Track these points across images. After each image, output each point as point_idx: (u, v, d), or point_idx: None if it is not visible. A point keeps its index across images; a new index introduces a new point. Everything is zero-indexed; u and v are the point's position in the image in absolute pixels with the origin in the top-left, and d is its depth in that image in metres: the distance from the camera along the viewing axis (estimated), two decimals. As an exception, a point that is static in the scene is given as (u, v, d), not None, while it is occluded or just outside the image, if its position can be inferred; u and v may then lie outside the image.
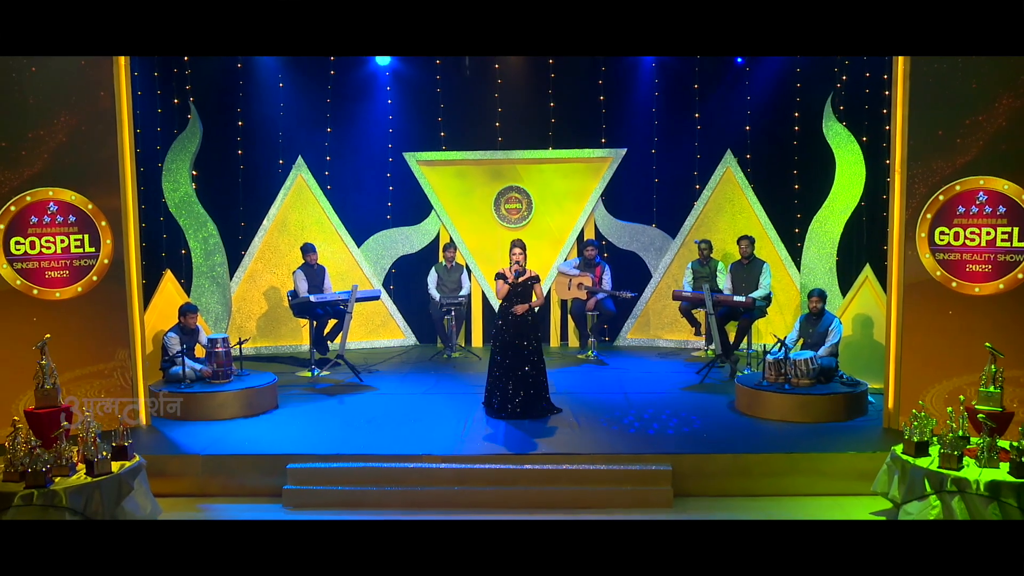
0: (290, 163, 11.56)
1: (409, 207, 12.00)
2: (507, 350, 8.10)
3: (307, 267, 10.47)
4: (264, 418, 8.28)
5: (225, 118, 11.10)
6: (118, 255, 7.81)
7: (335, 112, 11.61)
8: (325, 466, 7.01)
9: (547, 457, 7.03)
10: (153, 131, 10.53)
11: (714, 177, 11.49)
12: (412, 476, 6.94)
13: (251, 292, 11.47)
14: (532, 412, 8.07)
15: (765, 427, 7.78)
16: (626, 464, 6.95)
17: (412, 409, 8.51)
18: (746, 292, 9.83)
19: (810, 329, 8.66)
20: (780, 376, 8.15)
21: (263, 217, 11.48)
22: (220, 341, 8.57)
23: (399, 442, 7.39)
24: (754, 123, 11.29)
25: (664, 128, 11.66)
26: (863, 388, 8.20)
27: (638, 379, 9.80)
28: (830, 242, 10.32)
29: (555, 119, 11.74)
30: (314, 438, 7.57)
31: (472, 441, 7.42)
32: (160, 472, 6.95)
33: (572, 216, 11.90)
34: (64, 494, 5.93)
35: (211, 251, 10.70)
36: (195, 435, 7.66)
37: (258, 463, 7.13)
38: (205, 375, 8.51)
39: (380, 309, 11.98)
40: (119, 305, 7.83)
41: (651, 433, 7.64)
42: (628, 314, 11.86)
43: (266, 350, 11.43)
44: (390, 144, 11.86)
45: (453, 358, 11.07)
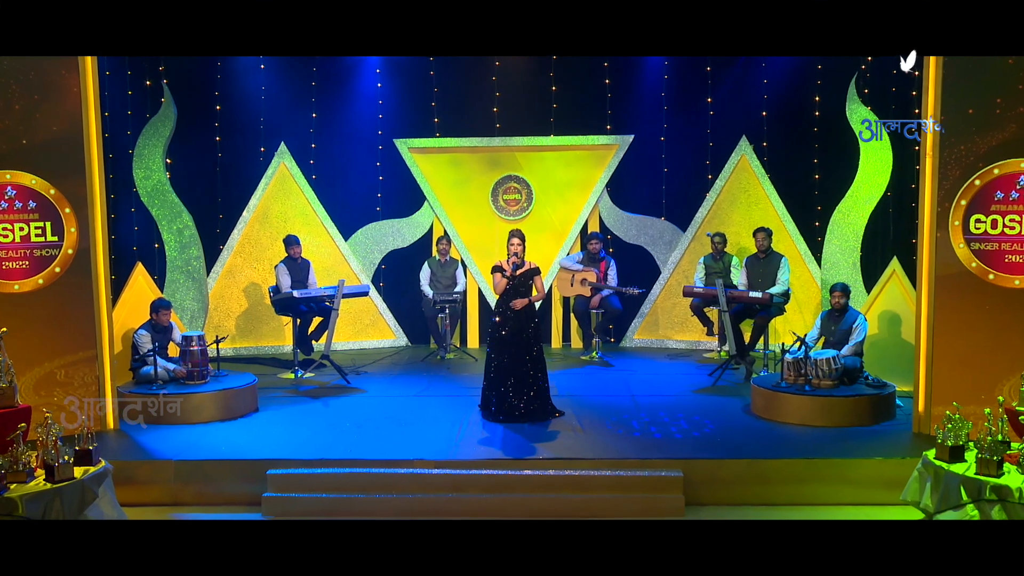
0: (272, 150, 11.45)
1: (400, 198, 11.91)
2: (505, 349, 7.99)
3: (290, 261, 10.36)
4: (243, 422, 8.17)
5: (201, 101, 10.98)
6: (84, 245, 7.68)
7: (320, 96, 11.51)
8: (309, 472, 6.90)
9: (548, 462, 6.92)
10: (123, 114, 10.38)
11: (728, 165, 11.38)
12: (403, 482, 6.82)
13: (230, 288, 11.35)
14: (532, 415, 7.96)
15: (784, 431, 7.67)
16: (634, 470, 6.84)
17: (403, 412, 8.42)
18: (763, 288, 9.70)
19: (832, 326, 8.53)
20: (800, 377, 8.04)
21: (243, 208, 11.38)
22: (195, 339, 8.44)
23: (389, 446, 7.29)
24: (771, 107, 11.18)
25: (674, 113, 11.54)
26: (891, 390, 8.08)
27: (646, 381, 9.69)
28: (854, 234, 10.20)
29: (557, 104, 11.64)
30: (297, 442, 7.47)
31: (467, 446, 7.32)
32: (128, 480, 6.83)
33: (575, 208, 11.81)
34: (21, 502, 5.77)
35: (186, 244, 10.56)
36: (167, 439, 7.54)
37: (236, 469, 7.02)
38: (179, 375, 8.38)
39: (369, 307, 11.87)
40: (85, 299, 7.70)
41: (660, 437, 7.53)
42: (635, 313, 11.76)
43: (246, 351, 11.32)
44: (380, 130, 11.76)
45: (447, 359, 10.96)
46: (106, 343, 7.85)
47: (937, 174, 7.37)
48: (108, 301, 7.89)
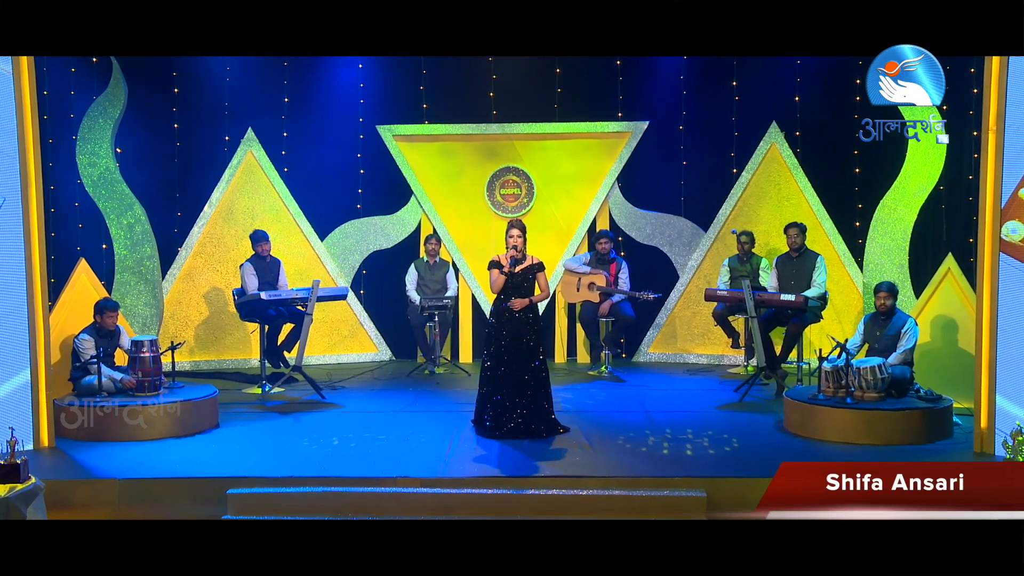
0: (238, 137, 11.36)
1: (384, 192, 11.85)
2: (502, 356, 7.89)
3: (257, 259, 10.23)
4: (201, 438, 8.04)
5: (157, 79, 10.84)
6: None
7: (293, 77, 11.42)
8: (275, 491, 6.76)
9: (552, 480, 6.78)
10: (65, 94, 10.24)
11: (755, 156, 11.31)
12: (385, 503, 6.68)
13: (188, 294, 11.22)
14: (533, 431, 7.84)
15: (821, 449, 7.54)
16: (650, 490, 6.69)
17: (385, 428, 8.32)
18: (796, 292, 9.53)
19: (877, 332, 8.38)
20: (840, 388, 7.92)
21: (204, 203, 11.27)
22: (147, 344, 8.29)
23: (369, 464, 7.20)
24: (805, 90, 11.09)
25: (695, 97, 11.49)
26: (947, 404, 7.93)
27: (663, 397, 9.60)
28: (901, 232, 10.10)
29: (562, 87, 11.59)
30: (262, 459, 7.37)
31: (459, 463, 7.22)
32: (64, 501, 6.68)
33: (582, 204, 11.74)
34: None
35: (138, 240, 10.42)
36: (111, 457, 7.39)
37: (191, 488, 6.87)
38: (127, 385, 8.21)
39: (347, 316, 11.77)
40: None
41: (679, 454, 7.42)
42: (650, 323, 11.63)
43: (206, 364, 11.19)
44: (361, 116, 11.72)
45: (436, 374, 10.87)
46: (42, 350, 7.70)
47: (1002, 158, 7.23)
48: (44, 303, 7.76)
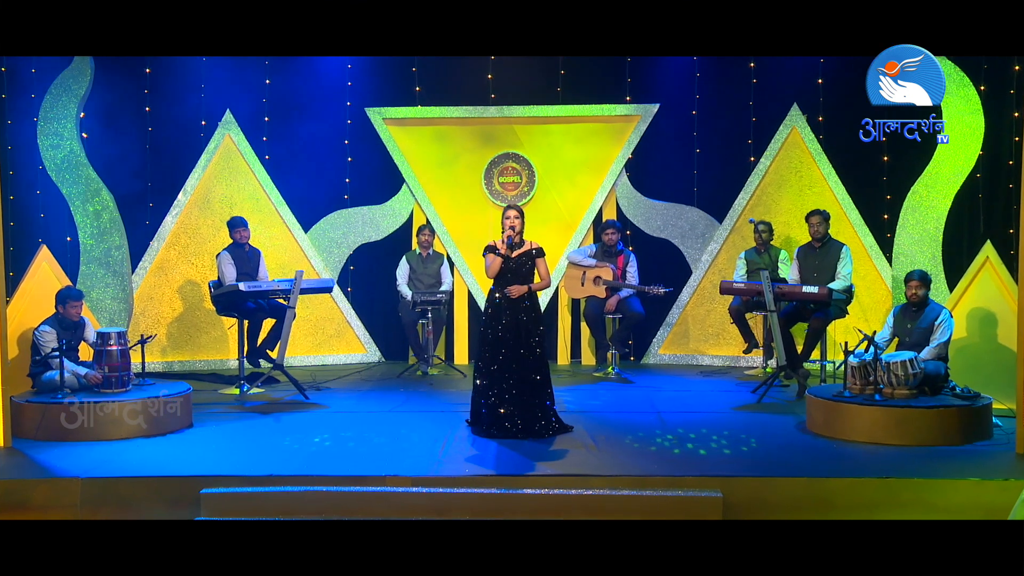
0: (215, 120, 11.38)
1: (373, 180, 11.89)
2: (499, 348, 7.84)
3: (235, 248, 10.16)
4: (172, 438, 7.99)
5: (127, 58, 10.76)
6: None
7: (276, 57, 11.39)
8: (253, 490, 6.72)
9: (553, 480, 6.74)
10: (26, 71, 10.24)
11: (775, 142, 11.31)
12: (373, 504, 6.63)
13: (160, 288, 11.20)
14: (533, 429, 7.79)
15: (848, 450, 7.47)
16: (661, 490, 6.62)
17: (374, 427, 8.30)
18: (819, 284, 9.45)
19: (908, 324, 8.33)
20: (868, 385, 7.88)
21: (178, 190, 11.27)
22: (114, 337, 8.26)
23: (355, 462, 7.18)
24: (828, 71, 11.09)
25: (709, 79, 11.54)
26: (986, 402, 7.86)
27: (674, 398, 9.58)
28: (933, 221, 10.04)
29: (565, 69, 11.63)
30: (240, 458, 7.34)
31: (452, 462, 7.18)
32: (21, 503, 6.69)
33: (587, 193, 11.76)
34: None
35: (105, 229, 10.36)
36: (73, 458, 7.31)
37: (161, 488, 6.83)
38: (92, 381, 8.16)
39: (333, 314, 11.77)
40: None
41: (693, 453, 7.38)
42: (660, 322, 11.60)
43: (179, 364, 11.18)
44: (349, 100, 11.77)
45: (429, 375, 10.85)
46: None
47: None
48: (1, 294, 7.73)
